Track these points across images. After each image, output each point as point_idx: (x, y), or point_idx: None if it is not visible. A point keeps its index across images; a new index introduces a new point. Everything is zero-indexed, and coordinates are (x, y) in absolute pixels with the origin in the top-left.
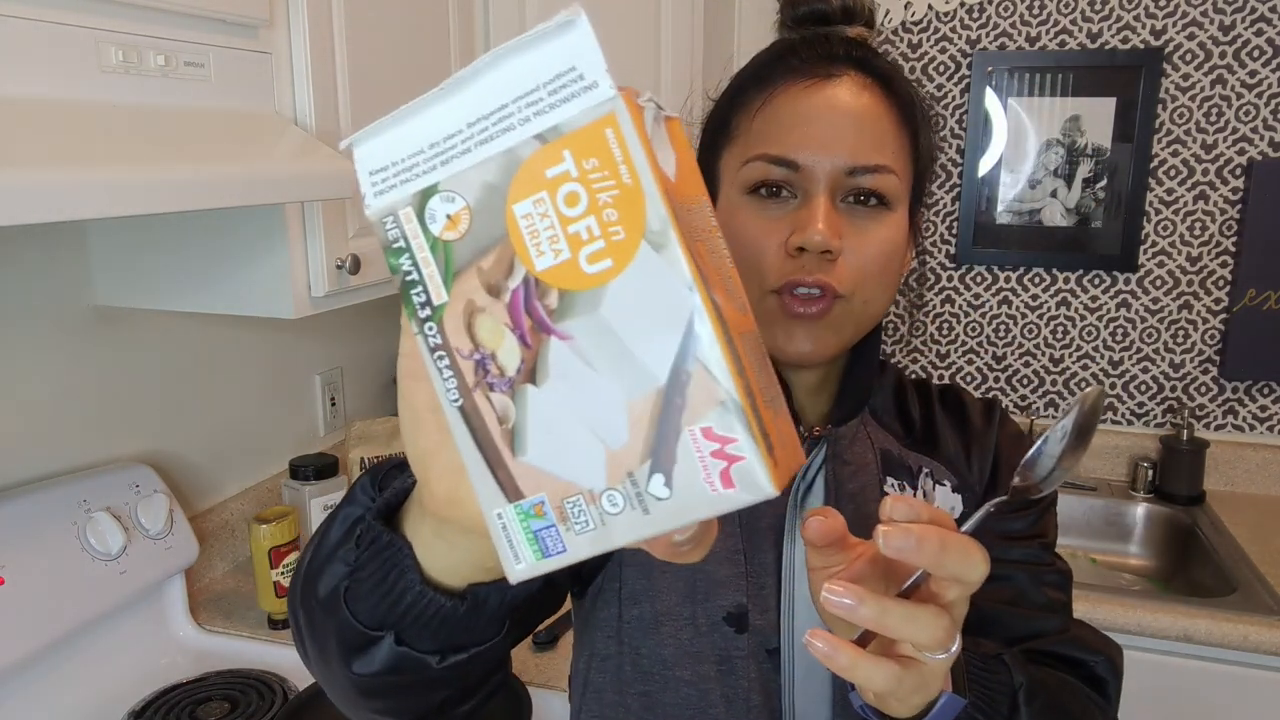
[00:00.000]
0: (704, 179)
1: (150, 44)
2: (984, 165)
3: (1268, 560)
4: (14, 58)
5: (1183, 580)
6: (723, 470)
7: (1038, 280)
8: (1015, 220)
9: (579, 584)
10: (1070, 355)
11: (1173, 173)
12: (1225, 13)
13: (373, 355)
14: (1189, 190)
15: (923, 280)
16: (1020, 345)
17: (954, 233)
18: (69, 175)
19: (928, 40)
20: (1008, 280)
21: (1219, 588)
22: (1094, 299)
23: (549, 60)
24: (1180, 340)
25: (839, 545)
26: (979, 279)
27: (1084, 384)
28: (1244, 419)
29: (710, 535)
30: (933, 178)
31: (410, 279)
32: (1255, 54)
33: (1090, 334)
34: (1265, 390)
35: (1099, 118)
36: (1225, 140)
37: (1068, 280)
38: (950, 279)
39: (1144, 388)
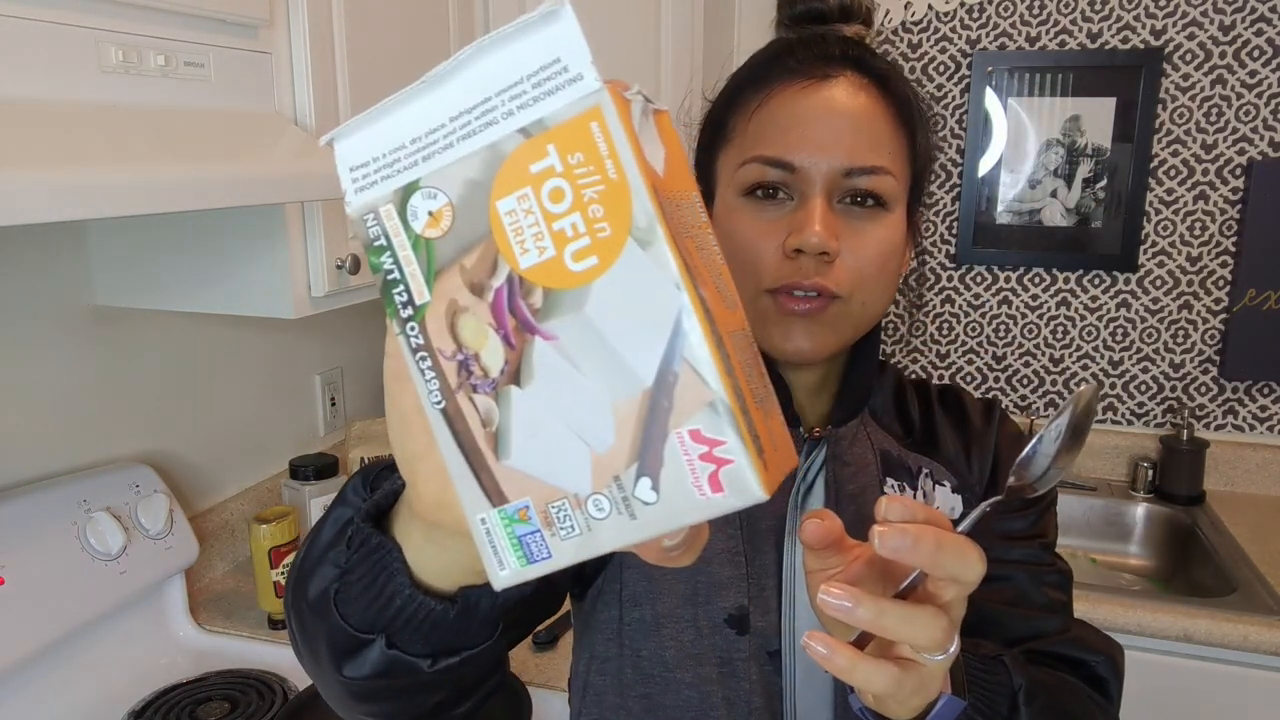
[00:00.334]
0: (701, 180)
1: (150, 44)
2: (984, 165)
3: (1268, 560)
4: (14, 58)
5: (1183, 580)
6: (711, 474)
7: (1038, 280)
8: (1015, 220)
9: (579, 585)
10: (1070, 355)
11: (1173, 173)
12: (1225, 13)
13: (373, 355)
14: (1189, 190)
15: (922, 280)
16: (1020, 345)
17: (954, 233)
18: (69, 175)
19: (928, 40)
20: (1008, 280)
21: (1219, 588)
22: (1094, 299)
23: (533, 52)
24: (1180, 340)
25: (836, 547)
26: (979, 279)
27: (1084, 384)
28: (1244, 419)
29: (701, 539)
30: (932, 177)
31: (392, 278)
32: (1255, 54)
33: (1090, 334)
34: (1265, 390)
35: (1099, 118)
36: (1225, 140)
37: (1068, 280)
38: (950, 279)
39: (1144, 388)
